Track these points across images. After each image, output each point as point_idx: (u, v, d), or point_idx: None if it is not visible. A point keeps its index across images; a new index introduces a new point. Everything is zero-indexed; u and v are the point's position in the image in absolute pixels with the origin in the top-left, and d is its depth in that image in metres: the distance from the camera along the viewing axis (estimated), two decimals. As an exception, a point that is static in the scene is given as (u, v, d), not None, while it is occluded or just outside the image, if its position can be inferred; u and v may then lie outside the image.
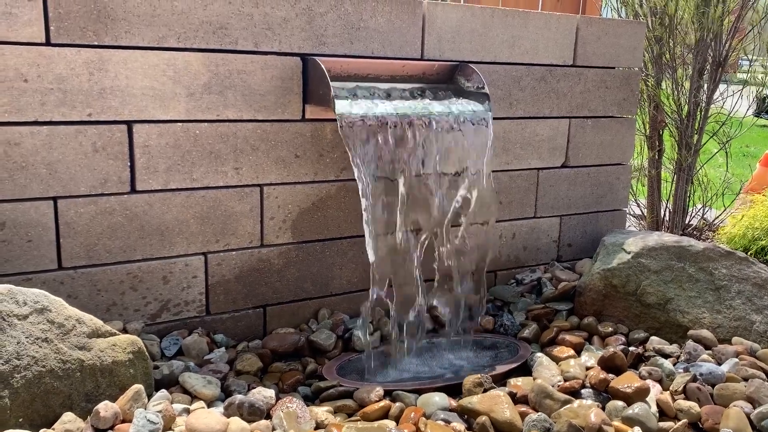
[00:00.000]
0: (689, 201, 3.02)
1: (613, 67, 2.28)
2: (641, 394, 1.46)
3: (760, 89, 3.06)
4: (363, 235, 1.65)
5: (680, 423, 1.41)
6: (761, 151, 6.12)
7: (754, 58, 3.10)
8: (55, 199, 1.53)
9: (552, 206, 2.25)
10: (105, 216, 1.58)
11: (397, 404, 1.43)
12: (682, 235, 2.93)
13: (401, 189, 1.69)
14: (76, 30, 1.48)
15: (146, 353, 1.41)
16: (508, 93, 2.07)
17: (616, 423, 1.39)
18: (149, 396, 1.35)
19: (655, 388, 1.52)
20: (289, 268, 1.82)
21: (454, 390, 1.54)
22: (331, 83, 1.63)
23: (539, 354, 1.70)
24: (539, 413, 1.39)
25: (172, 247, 1.66)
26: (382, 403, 1.43)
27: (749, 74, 3.04)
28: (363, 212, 1.62)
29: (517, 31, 2.05)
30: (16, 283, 1.48)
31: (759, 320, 1.80)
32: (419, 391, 1.51)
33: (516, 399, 1.48)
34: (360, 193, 1.62)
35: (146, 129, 1.59)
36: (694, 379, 1.52)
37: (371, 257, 1.61)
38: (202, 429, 1.26)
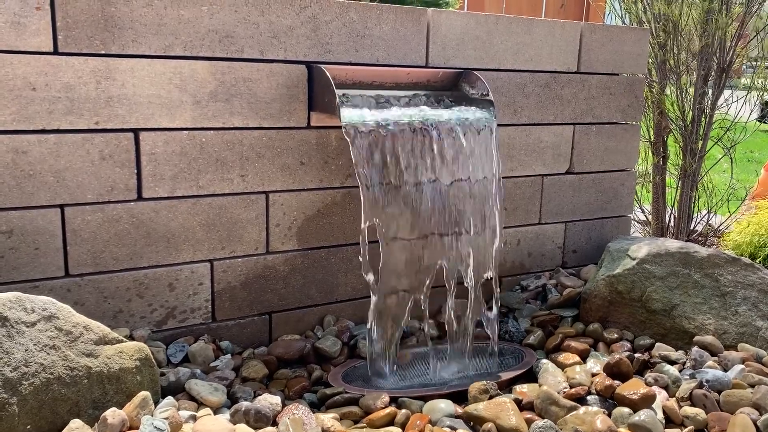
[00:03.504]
0: (694, 207, 3.01)
1: (618, 74, 2.28)
2: (647, 400, 1.46)
3: (761, 93, 3.06)
4: (368, 242, 1.66)
5: (687, 430, 1.41)
6: (766, 156, 6.11)
7: (758, 63, 3.10)
8: (62, 206, 1.54)
9: (557, 212, 2.25)
10: (112, 223, 1.59)
11: (403, 411, 1.44)
12: (687, 241, 2.93)
13: (406, 196, 1.70)
14: (84, 39, 1.50)
15: (153, 360, 1.41)
16: (513, 100, 2.07)
17: (623, 430, 1.39)
18: (156, 403, 1.36)
19: (661, 395, 1.52)
20: (294, 274, 1.82)
21: (459, 397, 1.54)
22: (337, 91, 1.63)
23: (544, 360, 1.70)
24: (545, 420, 1.39)
25: (178, 254, 1.67)
26: (388, 410, 1.43)
27: (753, 79, 3.04)
28: (362, 217, 1.63)
29: (521, 38, 2.06)
30: (24, 290, 1.49)
31: (765, 326, 1.80)
32: (425, 398, 1.51)
33: (522, 406, 1.48)
34: (363, 199, 1.62)
35: (153, 137, 1.60)
36: (700, 386, 1.52)
37: (370, 273, 1.61)
38: (209, 436, 1.26)
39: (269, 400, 1.42)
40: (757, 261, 2.42)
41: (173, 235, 1.66)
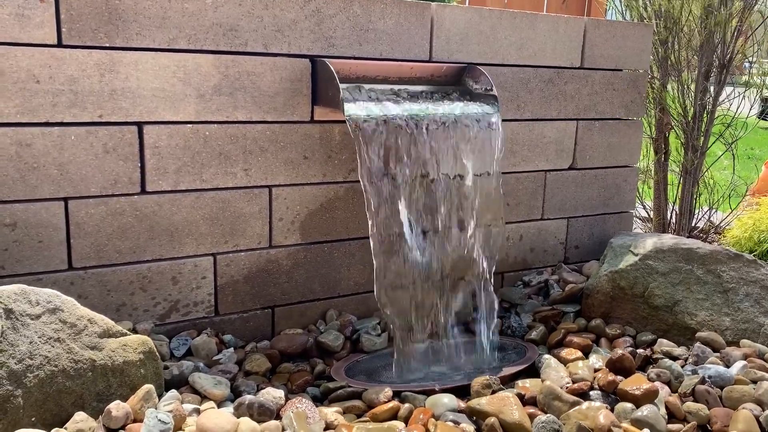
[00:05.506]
0: (695, 203, 3.02)
1: (621, 70, 2.28)
2: (650, 396, 1.46)
3: (761, 89, 3.06)
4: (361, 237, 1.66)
5: (689, 425, 1.41)
6: (766, 153, 6.11)
7: (755, 60, 3.10)
8: (65, 199, 1.53)
9: (559, 208, 2.25)
10: (115, 217, 1.58)
11: (406, 405, 1.44)
12: (688, 237, 2.93)
13: (409, 190, 1.70)
14: (88, 31, 1.49)
15: (157, 353, 1.41)
16: (516, 95, 2.07)
17: (625, 425, 1.39)
18: (160, 396, 1.36)
19: (663, 390, 1.53)
20: (297, 269, 1.82)
21: (462, 391, 1.54)
22: (340, 85, 1.63)
23: (547, 356, 1.71)
24: (548, 415, 1.39)
25: (181, 247, 1.67)
26: (391, 404, 1.44)
27: (752, 75, 3.04)
28: (368, 213, 1.62)
29: (524, 33, 2.05)
30: (28, 283, 1.49)
31: (767, 323, 1.80)
32: (428, 392, 1.51)
33: (524, 400, 1.49)
34: (366, 194, 1.62)
35: (156, 130, 1.60)
36: (702, 382, 1.52)
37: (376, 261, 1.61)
38: (213, 429, 1.26)
39: (272, 394, 1.42)
40: (752, 254, 2.42)
41: (176, 228, 1.66)
